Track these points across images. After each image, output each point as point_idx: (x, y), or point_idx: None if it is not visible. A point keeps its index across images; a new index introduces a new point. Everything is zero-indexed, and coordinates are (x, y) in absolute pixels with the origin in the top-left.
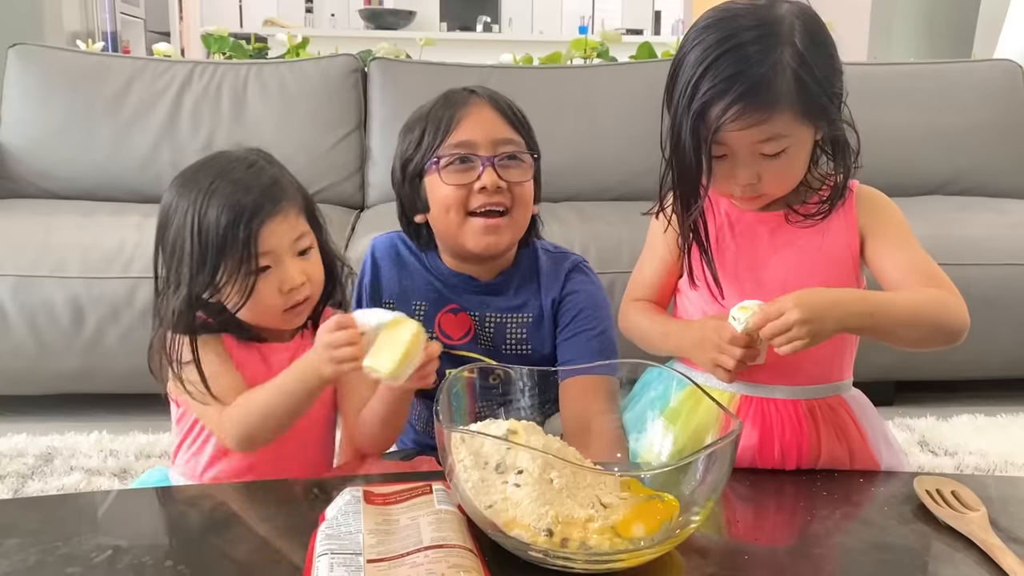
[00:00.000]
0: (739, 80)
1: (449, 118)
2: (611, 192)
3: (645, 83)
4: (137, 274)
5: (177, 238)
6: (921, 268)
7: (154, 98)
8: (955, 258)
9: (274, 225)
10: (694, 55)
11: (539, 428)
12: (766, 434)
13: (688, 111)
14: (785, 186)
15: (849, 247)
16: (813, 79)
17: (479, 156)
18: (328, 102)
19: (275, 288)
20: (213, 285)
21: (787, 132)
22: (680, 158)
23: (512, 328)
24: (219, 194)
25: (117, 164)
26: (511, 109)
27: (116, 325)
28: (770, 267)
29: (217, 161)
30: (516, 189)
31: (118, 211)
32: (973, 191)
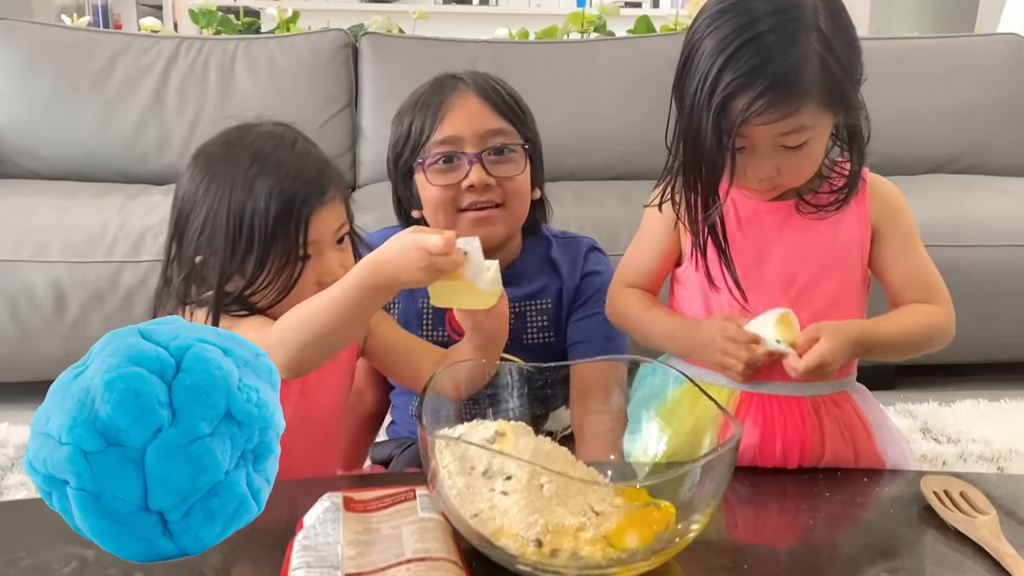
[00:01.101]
0: (764, 72)
1: (434, 112)
2: (609, 171)
3: (644, 58)
4: (120, 258)
5: (207, 226)
6: (922, 278)
7: (140, 75)
8: (958, 239)
9: (324, 213)
10: (710, 43)
11: (529, 430)
12: (767, 432)
13: (709, 105)
14: (803, 177)
15: (861, 241)
16: (839, 65)
17: (465, 153)
18: (318, 79)
19: (313, 280)
20: (254, 279)
21: (811, 123)
22: (698, 154)
23: (532, 316)
24: (264, 179)
25: (102, 143)
26: (500, 95)
27: (100, 310)
28: (776, 259)
29: (250, 138)
30: (507, 184)
31: (102, 192)
32: (976, 169)
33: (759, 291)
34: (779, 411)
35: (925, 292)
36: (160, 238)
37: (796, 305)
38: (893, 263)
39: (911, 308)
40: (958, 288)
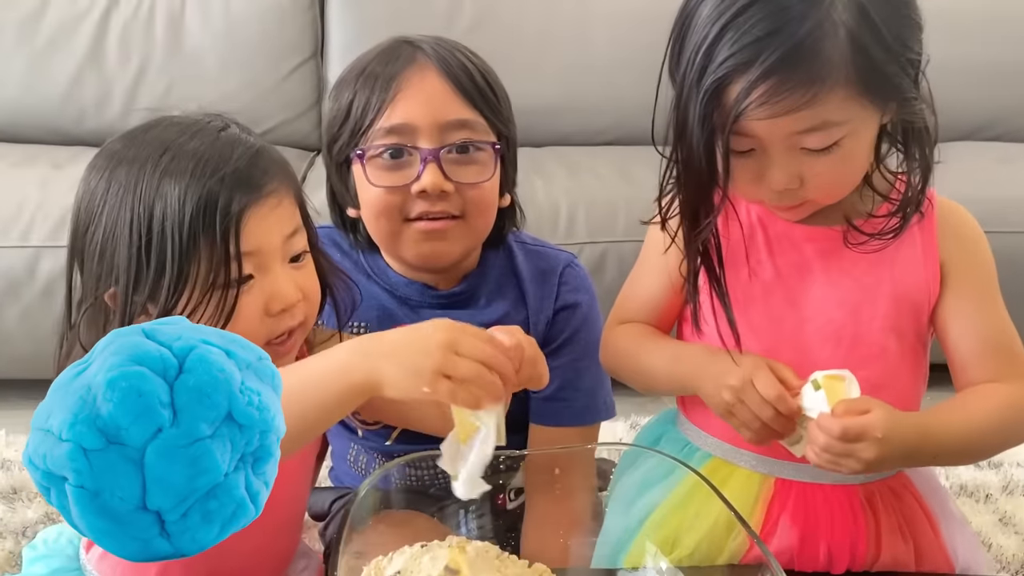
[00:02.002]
0: (771, 44)
1: (383, 88)
2: (605, 135)
3: (647, 5)
4: (38, 243)
5: (108, 243)
6: (999, 346)
7: (75, 21)
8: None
9: (262, 213)
10: (710, 5)
11: (494, 553)
12: (810, 531)
13: (698, 89)
14: (839, 190)
15: (927, 287)
16: (878, 41)
17: (418, 148)
18: (279, 26)
19: (259, 307)
20: (169, 310)
21: (841, 118)
22: (686, 154)
23: None
24: (176, 171)
25: (32, 98)
26: (470, 74)
27: (16, 302)
28: (814, 303)
29: (162, 127)
30: (469, 192)
31: (25, 159)
32: (1013, 136)
33: (789, 344)
34: (824, 504)
35: (1002, 363)
36: None
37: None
38: (966, 319)
39: (984, 392)
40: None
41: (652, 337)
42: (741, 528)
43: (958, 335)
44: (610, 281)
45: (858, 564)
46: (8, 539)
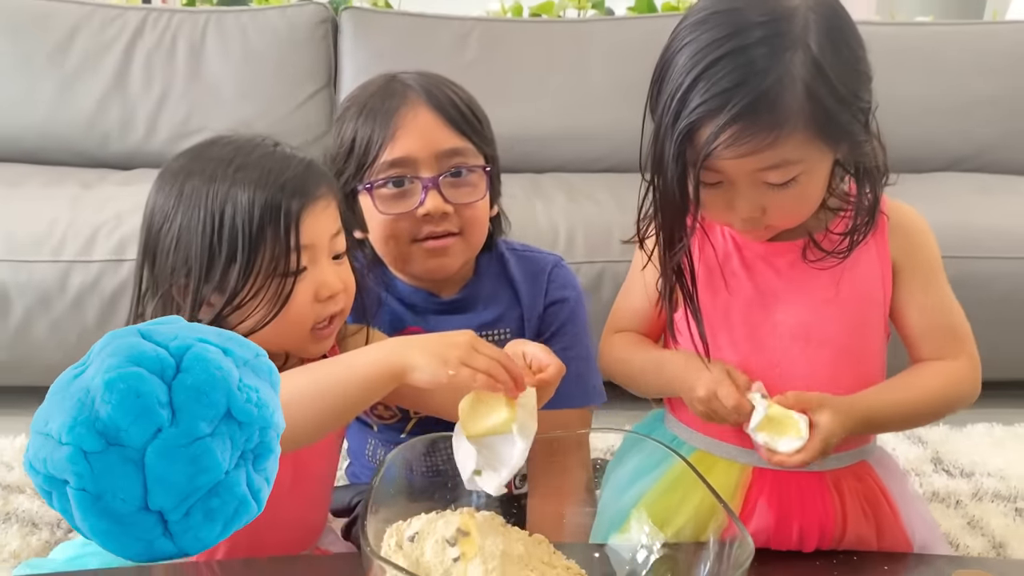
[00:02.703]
0: (737, 94)
1: (383, 125)
2: (603, 162)
3: (643, 39)
4: (69, 258)
5: (183, 236)
6: (944, 328)
7: (102, 49)
8: (973, 250)
9: (317, 212)
10: (685, 57)
11: (499, 522)
12: (784, 513)
13: (673, 130)
14: (797, 218)
15: (882, 284)
16: (831, 92)
17: (419, 178)
18: (294, 56)
19: (310, 294)
20: (237, 291)
21: (797, 157)
22: (663, 186)
23: None
24: (244, 180)
25: (60, 123)
26: (456, 106)
27: (46, 314)
28: (786, 309)
29: (223, 143)
30: (466, 211)
31: (55, 180)
32: (994, 167)
33: (768, 345)
34: (796, 490)
35: (947, 341)
36: (114, 236)
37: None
38: (913, 306)
39: (928, 371)
40: (972, 302)
41: (641, 346)
42: (721, 511)
43: (909, 319)
44: (607, 298)
45: (826, 542)
46: (44, 530)
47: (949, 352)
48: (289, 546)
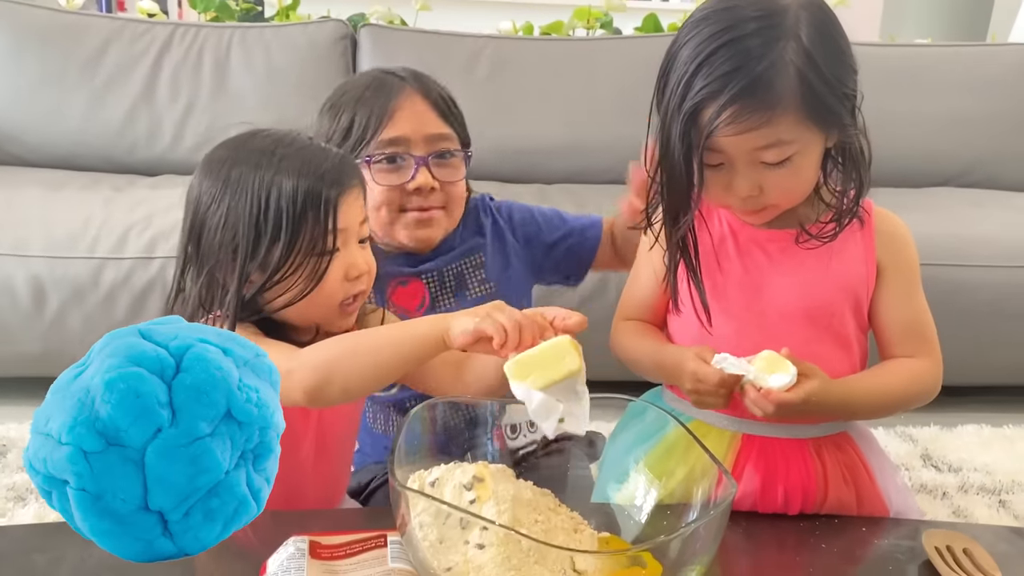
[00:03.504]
0: (735, 77)
1: (380, 110)
2: (608, 174)
3: (648, 58)
4: (103, 254)
5: (231, 216)
6: (916, 330)
7: (132, 62)
8: (966, 259)
9: (350, 200)
10: (688, 50)
11: (510, 474)
12: (769, 478)
13: (679, 112)
14: (792, 197)
15: (866, 280)
16: (820, 78)
17: (412, 155)
18: (314, 70)
19: (339, 275)
20: (279, 267)
21: (791, 137)
22: (669, 165)
23: (470, 271)
24: (287, 169)
25: (91, 131)
26: (443, 99)
27: (80, 307)
28: (775, 291)
29: (261, 139)
30: (449, 188)
31: (88, 184)
32: (987, 183)
33: (760, 322)
34: (782, 455)
35: (918, 342)
36: (145, 234)
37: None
38: (891, 308)
39: (900, 367)
40: (963, 309)
41: (645, 335)
42: (714, 470)
43: (885, 319)
44: (611, 301)
45: (809, 506)
46: None
47: (918, 353)
48: (316, 505)
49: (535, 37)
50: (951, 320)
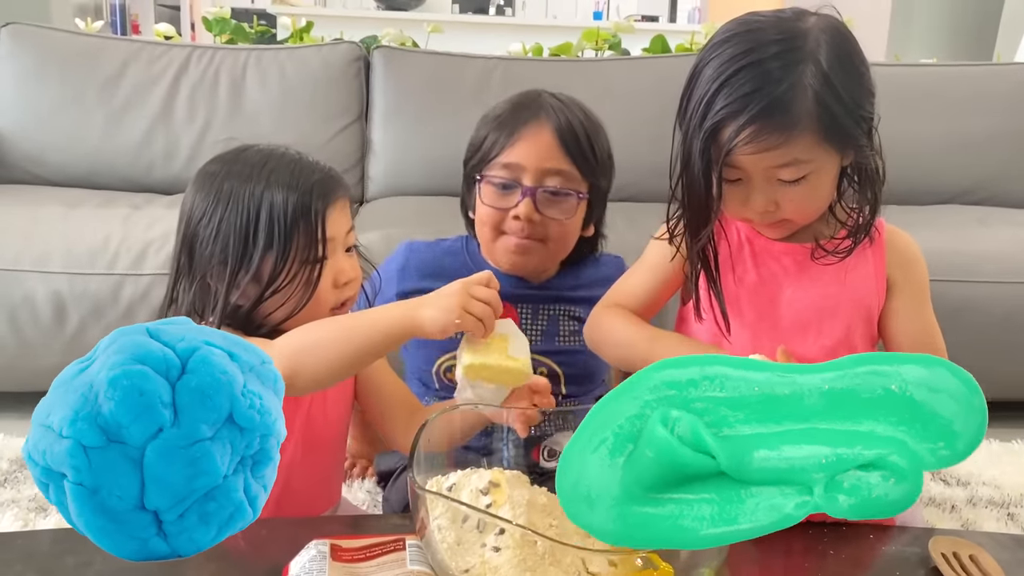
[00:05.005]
0: (755, 99)
1: (508, 134)
2: (618, 193)
3: (657, 78)
4: (122, 271)
5: (222, 227)
6: (926, 341)
7: (150, 83)
8: (974, 275)
9: (337, 210)
10: (710, 69)
11: (525, 480)
12: None
13: (700, 130)
14: (808, 214)
15: (877, 294)
16: (838, 101)
17: (521, 184)
18: (328, 91)
19: (329, 281)
20: (275, 277)
21: (807, 157)
22: (689, 180)
23: (564, 320)
24: (277, 181)
25: (110, 151)
26: (576, 137)
27: (99, 323)
28: (789, 302)
29: (253, 150)
30: (553, 225)
31: (107, 202)
32: (992, 201)
33: (772, 334)
34: None
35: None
36: (163, 252)
37: (808, 353)
38: (904, 322)
39: None
40: (972, 324)
41: (636, 321)
42: None
43: (896, 332)
44: None
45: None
46: None
47: None
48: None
49: (545, 58)
50: (959, 336)
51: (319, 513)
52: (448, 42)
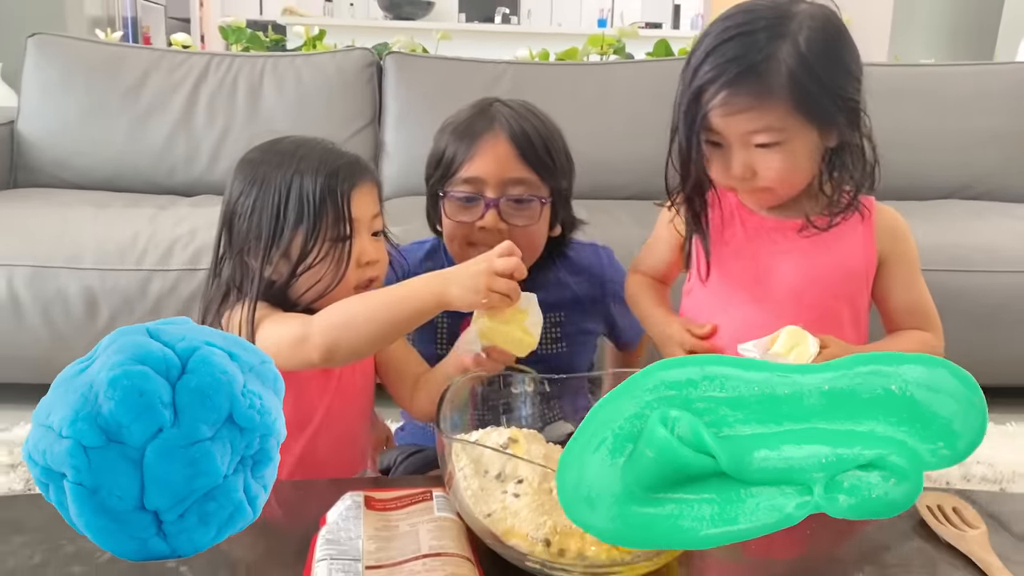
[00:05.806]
0: (734, 65)
1: (466, 147)
2: (624, 191)
3: (661, 81)
4: (150, 267)
5: (258, 207)
6: (920, 309)
7: (170, 90)
8: (967, 264)
9: (363, 191)
10: (706, 40)
11: (540, 437)
12: None
13: (687, 92)
14: (787, 184)
15: (867, 267)
16: (813, 80)
17: (484, 196)
18: (343, 96)
19: (355, 260)
20: (306, 254)
21: (780, 125)
22: (679, 140)
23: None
24: (307, 167)
25: (133, 156)
26: (531, 143)
27: (129, 317)
28: (782, 275)
29: (287, 143)
30: (519, 232)
31: (133, 203)
32: (990, 196)
33: (767, 305)
34: None
35: (921, 319)
36: (189, 248)
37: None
38: (896, 293)
39: (907, 334)
40: (967, 312)
41: (647, 295)
42: None
43: (892, 301)
44: None
45: None
46: None
47: (923, 327)
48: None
49: (552, 63)
50: (954, 323)
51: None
52: (455, 50)
